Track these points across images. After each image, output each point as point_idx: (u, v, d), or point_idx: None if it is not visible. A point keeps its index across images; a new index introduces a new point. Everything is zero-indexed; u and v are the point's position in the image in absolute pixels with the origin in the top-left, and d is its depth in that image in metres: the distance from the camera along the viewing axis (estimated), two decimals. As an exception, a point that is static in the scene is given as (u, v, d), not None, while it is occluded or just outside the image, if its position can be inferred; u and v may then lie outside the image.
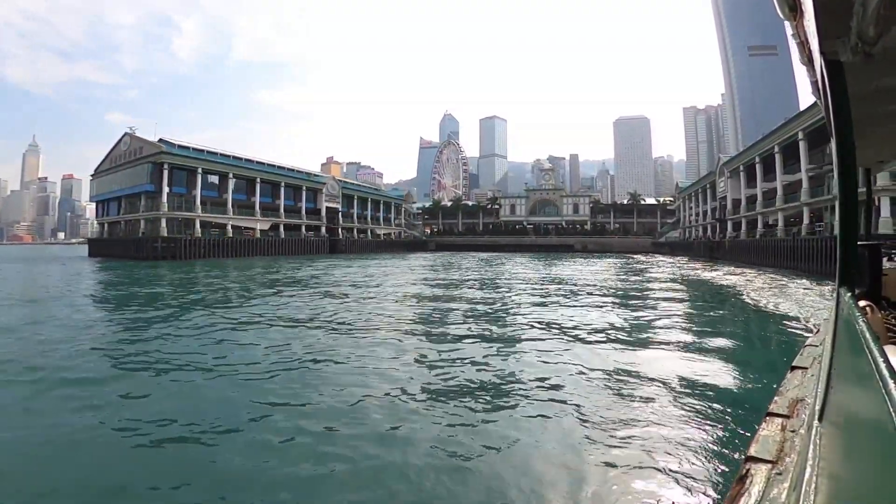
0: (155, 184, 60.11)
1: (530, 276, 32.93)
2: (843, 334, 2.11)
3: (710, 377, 8.36)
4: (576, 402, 7.01)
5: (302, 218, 78.59)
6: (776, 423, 2.68)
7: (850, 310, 2.10)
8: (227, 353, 10.17)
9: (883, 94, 3.31)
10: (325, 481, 4.78)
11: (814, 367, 3.60)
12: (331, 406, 6.84)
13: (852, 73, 2.60)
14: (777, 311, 16.58)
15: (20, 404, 6.91)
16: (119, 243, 64.39)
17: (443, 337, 11.91)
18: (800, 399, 3.00)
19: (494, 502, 4.43)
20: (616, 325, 13.77)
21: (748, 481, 2.09)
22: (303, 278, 29.45)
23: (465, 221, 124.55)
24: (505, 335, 12.30)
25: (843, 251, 2.74)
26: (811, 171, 41.90)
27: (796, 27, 2.98)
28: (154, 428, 6.01)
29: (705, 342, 11.43)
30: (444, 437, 5.79)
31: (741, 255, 50.76)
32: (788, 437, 2.48)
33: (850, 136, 2.60)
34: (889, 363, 1.08)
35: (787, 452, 2.30)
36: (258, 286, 24.50)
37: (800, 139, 42.42)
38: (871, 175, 7.10)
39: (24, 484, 4.77)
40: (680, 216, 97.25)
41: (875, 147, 5.45)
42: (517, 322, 14.37)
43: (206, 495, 4.57)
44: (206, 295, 20.72)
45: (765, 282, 27.69)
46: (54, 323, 13.61)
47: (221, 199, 66.02)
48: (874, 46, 2.32)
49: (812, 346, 4.48)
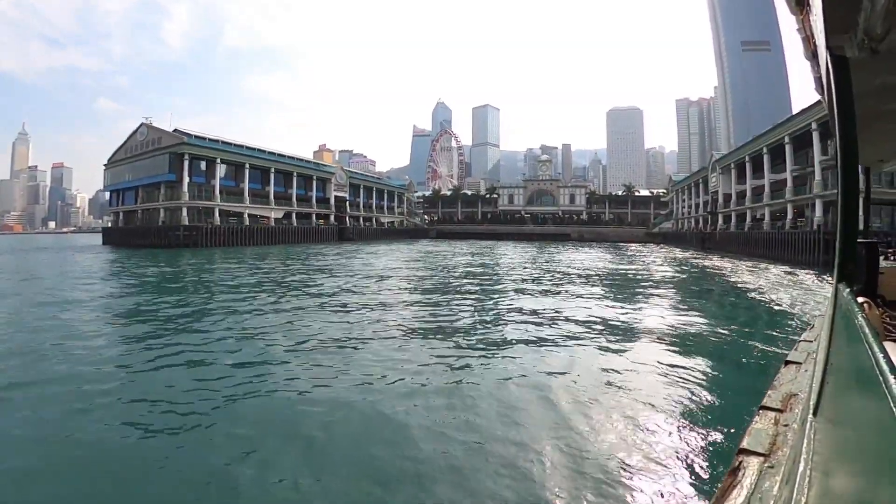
0: (176, 173, 62.40)
1: (534, 261, 36.05)
2: (840, 329, 2.16)
3: (699, 359, 9.16)
4: (566, 392, 7.25)
5: (312, 206, 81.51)
6: (769, 417, 2.69)
7: (849, 305, 2.17)
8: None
9: (887, 91, 3.36)
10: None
11: (808, 363, 3.61)
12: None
13: (857, 69, 2.62)
14: (758, 289, 20.82)
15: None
16: (137, 232, 66.25)
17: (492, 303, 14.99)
18: (793, 394, 2.98)
19: (484, 495, 4.48)
20: (610, 310, 15.10)
21: (740, 473, 2.10)
22: (345, 263, 32.56)
23: (464, 210, 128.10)
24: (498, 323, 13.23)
25: (843, 247, 2.75)
26: (795, 171, 45.80)
27: (802, 21, 3.00)
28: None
29: (694, 321, 13.12)
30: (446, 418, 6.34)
31: (731, 245, 54.74)
32: (781, 431, 2.47)
33: (852, 132, 2.62)
34: (889, 359, 1.08)
35: (780, 446, 2.30)
36: (315, 271, 27.73)
37: (786, 143, 46.21)
38: (871, 174, 7.23)
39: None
40: (673, 208, 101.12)
41: (876, 145, 5.53)
42: (511, 308, 15.47)
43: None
44: (265, 279, 23.89)
45: (748, 268, 32.17)
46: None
47: (238, 189, 68.64)
48: (881, 43, 2.34)
49: (807, 342, 4.48)
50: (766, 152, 51.13)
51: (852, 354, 1.68)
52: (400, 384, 7.75)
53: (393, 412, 6.51)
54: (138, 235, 64.72)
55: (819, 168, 41.02)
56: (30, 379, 7.92)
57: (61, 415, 6.42)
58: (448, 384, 7.74)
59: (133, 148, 71.18)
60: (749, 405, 5.67)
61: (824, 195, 40.12)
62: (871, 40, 2.32)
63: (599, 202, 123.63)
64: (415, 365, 8.79)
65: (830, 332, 2.31)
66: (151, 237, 60.79)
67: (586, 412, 6.36)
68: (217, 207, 64.19)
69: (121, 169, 73.26)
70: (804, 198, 43.85)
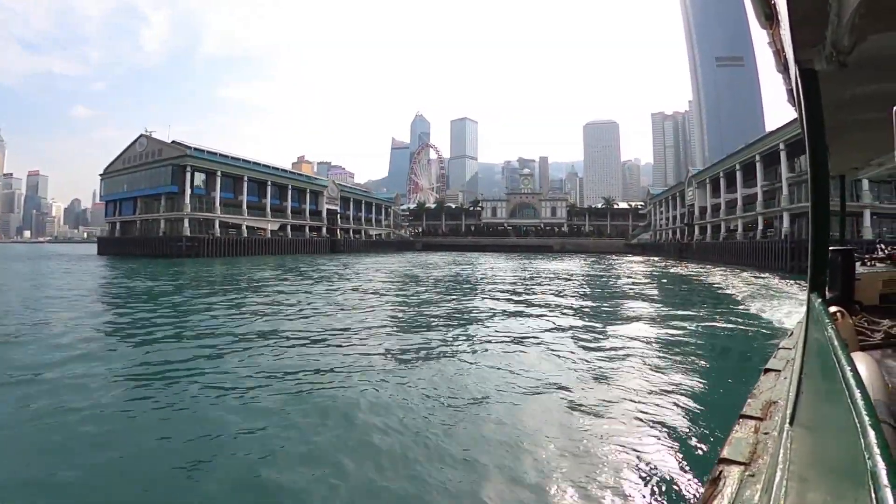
0: (178, 185, 63.87)
1: (519, 272, 38.14)
2: (812, 340, 2.19)
3: (678, 357, 9.63)
4: (546, 398, 7.26)
5: (306, 219, 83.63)
6: (749, 426, 2.71)
7: (819, 316, 2.21)
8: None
9: (856, 102, 3.46)
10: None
11: (787, 370, 3.65)
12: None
13: (826, 81, 2.66)
14: (728, 288, 24.53)
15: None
16: (136, 242, 66.80)
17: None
18: (772, 402, 3.01)
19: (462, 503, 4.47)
20: (592, 316, 15.75)
21: (721, 483, 2.12)
22: (358, 272, 35.22)
23: (447, 223, 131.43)
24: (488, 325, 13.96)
25: (814, 257, 2.74)
26: (765, 186, 50.40)
27: (772, 36, 3.04)
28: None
29: (674, 322, 13.99)
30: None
31: (707, 254, 58.98)
32: (761, 440, 2.48)
33: (822, 143, 2.64)
34: (855, 371, 1.12)
35: (760, 454, 2.32)
36: (340, 278, 30.36)
37: (757, 160, 50.88)
38: (845, 182, 7.32)
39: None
40: (651, 220, 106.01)
41: (848, 154, 5.59)
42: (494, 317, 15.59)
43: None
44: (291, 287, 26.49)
45: (721, 273, 35.92)
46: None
47: (237, 201, 70.41)
48: (849, 56, 2.38)
49: (785, 349, 4.53)
50: (738, 169, 55.81)
51: (823, 366, 1.70)
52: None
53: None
54: (137, 245, 65.22)
55: (786, 183, 45.42)
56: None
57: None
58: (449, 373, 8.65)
59: (131, 159, 71.87)
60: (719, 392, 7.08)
61: (791, 208, 44.52)
62: (839, 53, 2.38)
63: (580, 214, 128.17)
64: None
65: (804, 343, 2.35)
66: (152, 247, 61.45)
67: (563, 422, 6.29)
68: (217, 219, 65.82)
69: (118, 179, 73.67)
70: (773, 210, 48.29)
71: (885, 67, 2.87)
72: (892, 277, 5.55)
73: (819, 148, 2.60)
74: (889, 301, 5.25)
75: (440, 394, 7.41)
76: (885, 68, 2.88)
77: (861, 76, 2.91)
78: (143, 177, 69.31)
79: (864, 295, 5.10)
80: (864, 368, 1.36)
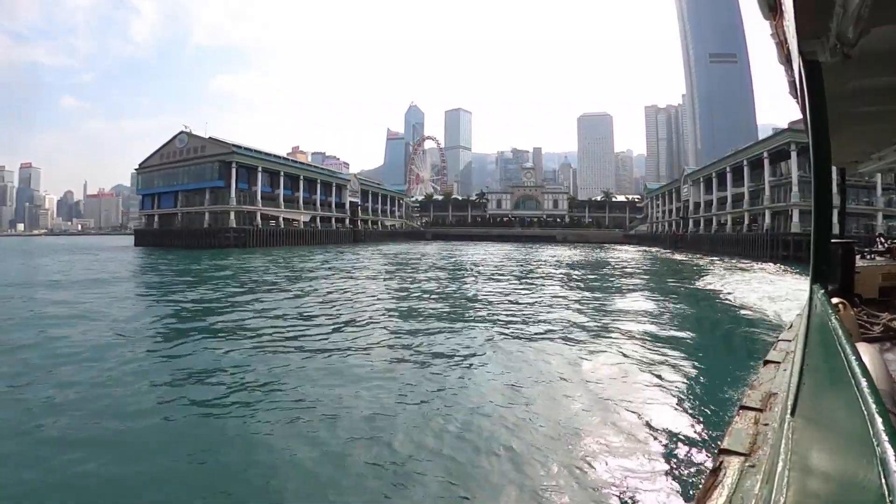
0: (224, 180, 69.27)
1: (533, 256, 44.53)
2: (815, 331, 2.19)
3: (675, 340, 10.21)
4: (546, 389, 7.42)
5: (332, 211, 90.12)
6: (749, 417, 2.69)
7: (822, 307, 2.20)
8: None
9: (859, 94, 3.47)
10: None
11: (786, 362, 3.62)
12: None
13: (830, 73, 2.64)
14: (716, 271, 31.40)
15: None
16: (177, 234, 71.08)
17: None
18: (772, 393, 2.99)
19: (458, 496, 4.52)
20: (601, 290, 18.28)
21: (721, 473, 2.11)
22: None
23: (455, 214, 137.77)
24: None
25: (816, 248, 2.76)
26: (751, 187, 58.55)
27: (775, 27, 3.08)
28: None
29: (668, 307, 15.73)
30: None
31: (699, 245, 66.41)
32: (761, 431, 2.47)
33: (825, 135, 2.63)
34: (860, 360, 1.10)
35: (760, 445, 2.31)
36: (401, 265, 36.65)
37: (745, 165, 58.89)
38: (846, 174, 7.42)
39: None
40: (648, 213, 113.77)
41: (850, 146, 5.72)
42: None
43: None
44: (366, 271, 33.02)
45: (709, 261, 43.48)
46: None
47: (273, 194, 76.39)
48: (853, 48, 2.37)
49: (785, 342, 4.54)
50: (728, 171, 63.83)
51: (826, 356, 1.69)
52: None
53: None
54: (179, 237, 69.49)
55: (769, 185, 53.32)
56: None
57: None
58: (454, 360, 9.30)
59: (171, 154, 76.41)
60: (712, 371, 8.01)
61: (772, 206, 52.35)
62: (844, 45, 2.40)
63: (579, 206, 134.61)
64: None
65: (806, 334, 2.35)
66: (198, 238, 65.89)
67: (564, 413, 6.35)
68: (259, 211, 71.70)
69: (158, 174, 78.11)
70: (757, 208, 56.34)
71: (888, 61, 2.91)
72: (892, 271, 5.58)
73: (822, 140, 2.62)
74: (888, 294, 5.28)
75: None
76: (888, 61, 2.93)
77: (864, 69, 2.93)
78: (185, 172, 73.93)
79: (863, 288, 5.17)
80: (867, 359, 1.39)
